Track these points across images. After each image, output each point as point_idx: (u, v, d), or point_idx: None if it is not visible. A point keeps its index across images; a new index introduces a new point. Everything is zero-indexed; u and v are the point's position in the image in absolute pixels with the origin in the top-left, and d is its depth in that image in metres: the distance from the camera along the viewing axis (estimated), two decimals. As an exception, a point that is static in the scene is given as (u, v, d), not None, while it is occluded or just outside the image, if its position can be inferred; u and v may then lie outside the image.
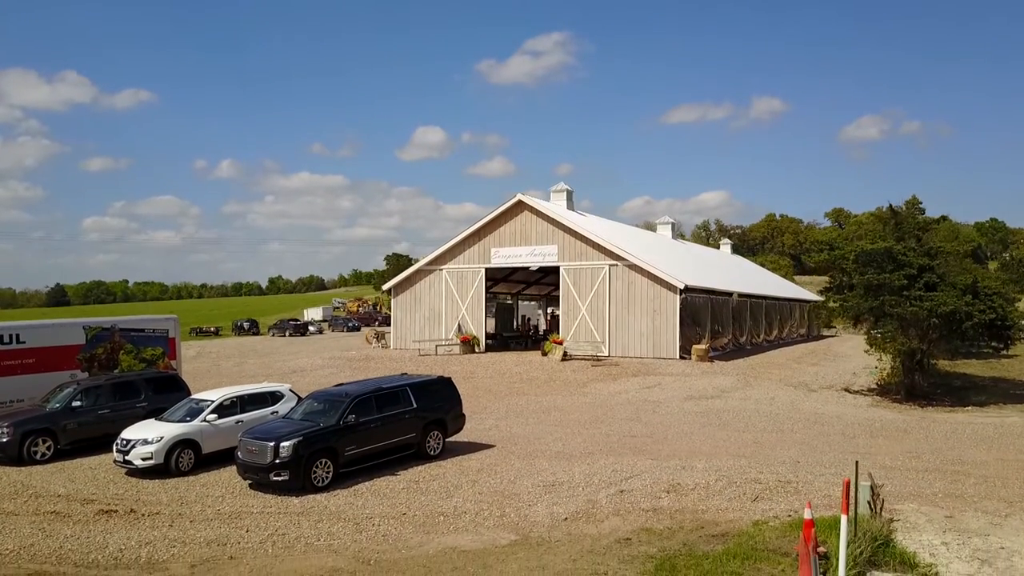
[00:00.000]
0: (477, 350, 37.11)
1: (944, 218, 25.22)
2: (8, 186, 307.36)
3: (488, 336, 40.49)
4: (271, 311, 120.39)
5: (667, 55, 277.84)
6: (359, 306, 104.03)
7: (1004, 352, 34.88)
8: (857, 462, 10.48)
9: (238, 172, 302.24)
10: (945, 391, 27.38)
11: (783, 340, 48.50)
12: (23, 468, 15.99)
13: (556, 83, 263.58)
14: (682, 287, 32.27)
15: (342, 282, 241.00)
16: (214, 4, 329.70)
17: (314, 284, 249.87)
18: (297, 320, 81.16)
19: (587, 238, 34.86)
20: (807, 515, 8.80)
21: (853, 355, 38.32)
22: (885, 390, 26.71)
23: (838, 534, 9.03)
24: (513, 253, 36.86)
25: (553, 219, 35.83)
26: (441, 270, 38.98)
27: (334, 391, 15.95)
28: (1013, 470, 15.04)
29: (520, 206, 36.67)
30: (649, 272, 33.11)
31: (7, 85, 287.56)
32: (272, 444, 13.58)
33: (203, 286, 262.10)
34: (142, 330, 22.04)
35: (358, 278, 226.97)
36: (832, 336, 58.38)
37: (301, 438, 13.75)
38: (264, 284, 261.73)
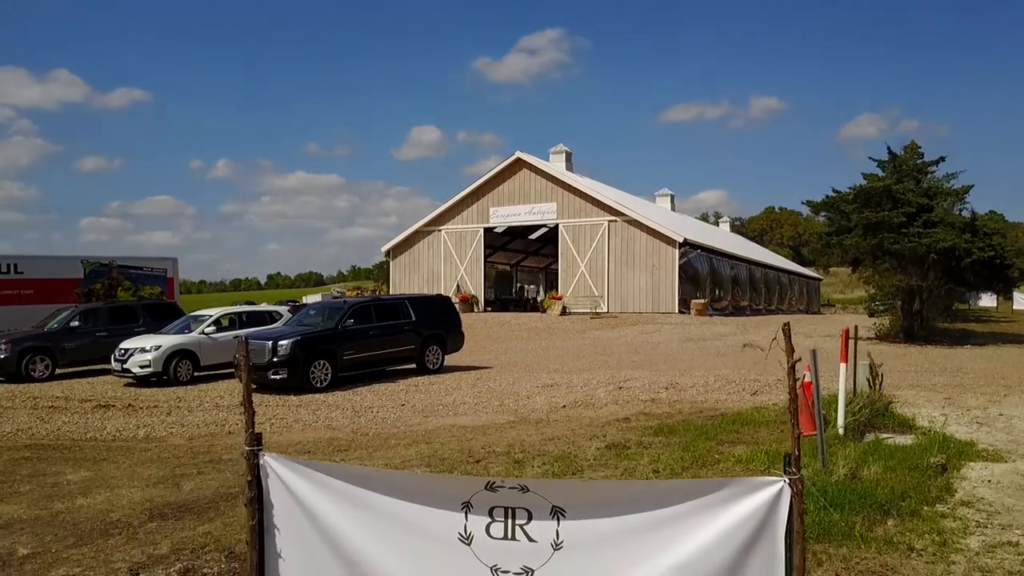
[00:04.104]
0: (476, 309, 37.02)
1: (943, 159, 24.99)
2: (2, 186, 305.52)
3: (487, 302, 40.42)
4: (270, 301, 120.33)
5: (664, 53, 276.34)
6: (358, 294, 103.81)
7: (1004, 295, 34.85)
8: (856, 327, 10.46)
9: (234, 172, 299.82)
10: (943, 337, 27.40)
11: (783, 310, 48.47)
12: (21, 384, 15.98)
13: (552, 80, 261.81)
14: (681, 240, 32.22)
15: (341, 278, 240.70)
16: (207, 3, 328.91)
17: (313, 280, 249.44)
18: (295, 301, 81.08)
19: (586, 194, 34.75)
20: (807, 378, 8.77)
21: (852, 322, 38.34)
22: (884, 336, 26.70)
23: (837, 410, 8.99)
24: (512, 212, 36.68)
25: (552, 176, 35.65)
26: (440, 231, 38.86)
27: (333, 300, 15.99)
28: (1012, 370, 15.08)
29: (519, 164, 36.46)
30: (648, 227, 33.02)
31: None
32: (270, 343, 13.58)
33: (201, 282, 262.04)
34: (140, 268, 22.01)
35: (356, 274, 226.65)
36: (832, 313, 58.40)
37: (299, 337, 13.76)
38: (263, 281, 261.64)
